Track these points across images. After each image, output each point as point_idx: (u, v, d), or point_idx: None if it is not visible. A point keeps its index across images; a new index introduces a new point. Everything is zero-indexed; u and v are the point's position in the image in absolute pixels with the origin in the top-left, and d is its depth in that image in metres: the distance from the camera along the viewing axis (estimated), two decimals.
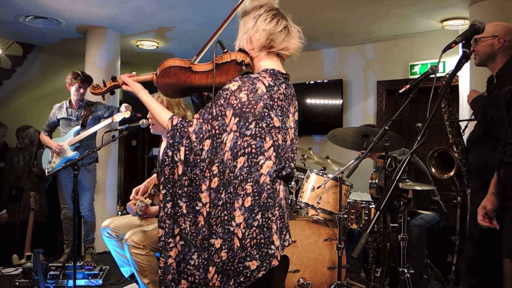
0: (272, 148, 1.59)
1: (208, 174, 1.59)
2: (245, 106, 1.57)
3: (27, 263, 3.67)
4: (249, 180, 1.56)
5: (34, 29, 4.71)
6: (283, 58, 1.73)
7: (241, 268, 1.54)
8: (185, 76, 1.67)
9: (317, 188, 3.15)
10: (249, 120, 1.57)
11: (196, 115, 1.64)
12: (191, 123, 1.62)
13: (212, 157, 1.58)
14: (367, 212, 3.08)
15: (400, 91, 1.88)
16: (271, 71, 1.65)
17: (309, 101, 5.67)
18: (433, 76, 1.77)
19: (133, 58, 6.16)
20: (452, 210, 3.40)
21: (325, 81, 5.57)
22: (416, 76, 3.15)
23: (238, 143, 1.57)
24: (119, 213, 5.39)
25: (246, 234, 1.54)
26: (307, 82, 5.63)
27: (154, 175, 2.78)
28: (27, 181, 4.47)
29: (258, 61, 1.70)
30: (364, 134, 2.99)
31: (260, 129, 1.58)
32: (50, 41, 5.39)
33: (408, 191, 2.97)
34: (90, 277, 3.48)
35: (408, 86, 1.87)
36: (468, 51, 1.62)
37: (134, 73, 1.82)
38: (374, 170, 3.15)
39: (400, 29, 4.63)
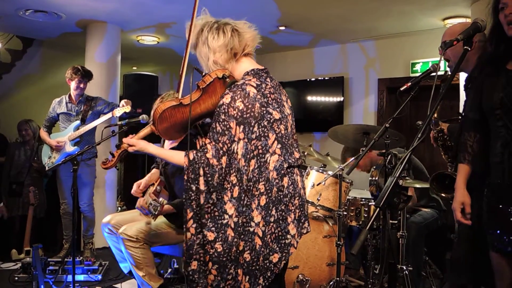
0: (276, 142, 1.66)
1: (228, 185, 1.63)
2: (245, 113, 1.62)
3: (26, 258, 3.67)
4: (260, 180, 1.63)
5: (34, 23, 4.69)
6: (251, 54, 1.79)
7: (267, 265, 1.62)
8: (180, 113, 1.71)
9: (317, 185, 3.14)
10: (252, 124, 1.63)
11: (207, 140, 1.65)
12: (206, 150, 1.62)
13: (227, 168, 1.62)
14: (366, 209, 3.08)
15: (402, 89, 1.88)
16: (252, 72, 1.72)
17: (310, 98, 5.66)
18: (434, 74, 1.77)
19: (134, 53, 6.15)
20: (451, 207, 3.39)
21: (326, 78, 5.55)
22: (417, 74, 3.14)
23: (248, 148, 1.63)
24: (119, 208, 5.40)
25: (266, 231, 1.62)
26: (308, 79, 5.62)
27: (154, 170, 2.76)
28: (27, 176, 4.47)
29: (234, 70, 1.76)
30: (364, 132, 2.99)
31: (263, 128, 1.64)
32: (50, 35, 5.37)
33: (407, 189, 2.97)
34: (89, 272, 3.49)
35: (409, 84, 1.87)
36: (469, 49, 1.62)
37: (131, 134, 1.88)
38: (374, 167, 3.15)
39: (402, 27, 4.62)
